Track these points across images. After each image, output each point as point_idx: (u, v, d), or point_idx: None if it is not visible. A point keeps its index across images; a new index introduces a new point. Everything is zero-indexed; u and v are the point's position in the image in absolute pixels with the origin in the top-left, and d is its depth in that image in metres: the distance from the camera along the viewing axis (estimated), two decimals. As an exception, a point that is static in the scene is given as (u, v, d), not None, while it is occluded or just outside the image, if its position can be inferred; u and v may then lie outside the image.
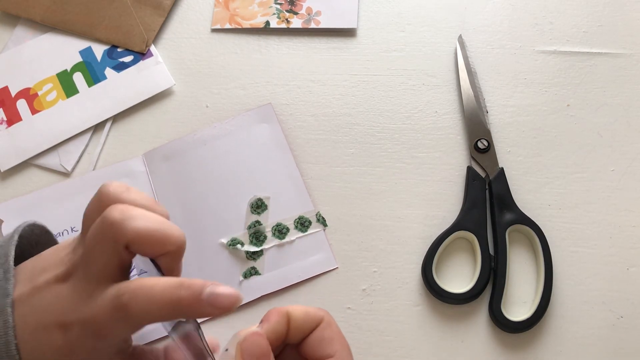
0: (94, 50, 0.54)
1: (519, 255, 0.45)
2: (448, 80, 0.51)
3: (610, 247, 0.45)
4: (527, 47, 0.52)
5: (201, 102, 0.52)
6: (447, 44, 0.53)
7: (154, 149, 0.50)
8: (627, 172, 0.47)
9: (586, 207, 0.46)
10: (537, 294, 0.43)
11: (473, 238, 0.44)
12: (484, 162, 0.47)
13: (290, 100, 0.51)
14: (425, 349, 0.43)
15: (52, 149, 0.50)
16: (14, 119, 0.51)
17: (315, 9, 0.55)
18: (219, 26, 0.55)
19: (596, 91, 0.50)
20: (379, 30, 0.54)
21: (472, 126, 0.49)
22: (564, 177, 0.47)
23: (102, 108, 0.52)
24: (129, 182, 0.48)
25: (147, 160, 0.49)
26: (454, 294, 0.43)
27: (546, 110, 0.50)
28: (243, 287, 0.44)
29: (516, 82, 0.51)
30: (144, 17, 0.55)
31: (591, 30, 0.53)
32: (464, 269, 0.45)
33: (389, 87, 0.51)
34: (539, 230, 0.44)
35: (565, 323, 0.43)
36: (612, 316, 0.43)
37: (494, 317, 0.42)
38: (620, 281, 0.44)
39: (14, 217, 0.48)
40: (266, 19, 0.54)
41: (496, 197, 0.45)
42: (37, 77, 0.53)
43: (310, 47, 0.54)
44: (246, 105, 0.51)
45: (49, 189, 0.49)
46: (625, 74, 0.51)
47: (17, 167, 0.50)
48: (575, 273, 0.44)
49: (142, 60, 0.53)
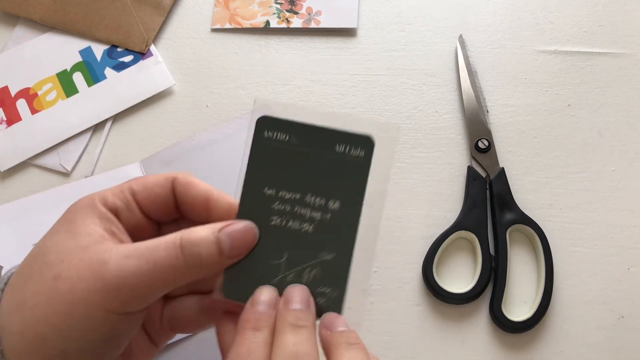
0: (94, 50, 0.54)
1: (520, 255, 0.45)
2: (448, 80, 0.51)
3: (610, 247, 0.45)
4: (527, 47, 0.52)
5: (201, 101, 0.52)
6: (447, 44, 0.53)
7: (151, 155, 0.49)
8: (627, 172, 0.47)
9: (587, 207, 0.46)
10: (538, 294, 0.43)
11: (473, 238, 0.44)
12: (484, 161, 0.47)
13: (290, 100, 0.51)
14: (425, 349, 0.43)
15: (52, 148, 0.50)
16: (13, 119, 0.51)
17: (315, 9, 0.54)
18: (219, 26, 0.55)
19: (597, 91, 0.50)
20: (380, 30, 0.54)
21: (472, 126, 0.49)
22: (564, 177, 0.47)
23: (102, 108, 0.52)
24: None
25: (145, 166, 0.49)
26: (454, 294, 0.43)
27: (547, 110, 0.50)
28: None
29: (517, 81, 0.51)
30: (143, 16, 0.55)
31: (592, 30, 0.53)
32: (464, 268, 0.45)
33: (390, 87, 0.51)
34: (539, 230, 0.44)
35: (565, 323, 0.43)
36: (613, 316, 0.43)
37: (495, 317, 0.42)
38: (621, 281, 0.44)
39: (8, 222, 0.47)
40: (266, 18, 0.54)
41: (497, 197, 0.45)
42: (37, 77, 0.53)
43: (310, 46, 0.53)
44: (246, 105, 0.51)
45: (45, 193, 0.48)
46: (626, 73, 0.51)
47: (17, 167, 0.50)
48: (575, 273, 0.44)
49: (142, 60, 0.53)
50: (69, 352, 0.28)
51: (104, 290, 0.27)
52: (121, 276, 0.27)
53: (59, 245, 0.29)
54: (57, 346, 0.27)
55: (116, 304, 0.27)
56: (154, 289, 0.28)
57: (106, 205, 0.31)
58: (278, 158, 0.30)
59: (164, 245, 0.28)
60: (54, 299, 0.27)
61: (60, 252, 0.29)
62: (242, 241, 0.29)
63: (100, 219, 0.30)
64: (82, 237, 0.29)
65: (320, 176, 0.30)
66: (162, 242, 0.28)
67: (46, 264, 0.29)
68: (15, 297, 0.29)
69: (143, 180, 0.32)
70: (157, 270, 0.28)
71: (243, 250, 0.30)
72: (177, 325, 0.33)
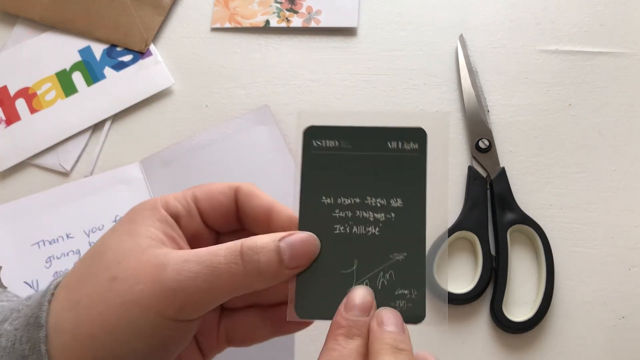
0: (93, 50, 0.54)
1: (520, 256, 0.45)
2: (449, 79, 0.51)
3: (611, 247, 0.45)
4: (528, 47, 0.52)
5: (201, 101, 0.52)
6: (448, 44, 0.53)
7: (151, 155, 0.49)
8: (628, 172, 0.47)
9: (587, 207, 0.46)
10: (539, 294, 0.43)
11: (474, 238, 0.44)
12: (485, 161, 0.47)
13: (290, 99, 0.51)
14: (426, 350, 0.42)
15: (51, 148, 0.50)
16: (12, 119, 0.51)
17: (315, 8, 0.54)
18: (219, 25, 0.55)
19: (597, 91, 0.50)
20: (380, 30, 0.54)
21: (473, 126, 0.49)
22: (565, 176, 0.47)
23: (102, 107, 0.51)
24: (126, 189, 0.48)
25: (144, 166, 0.49)
26: (455, 295, 0.43)
27: (547, 109, 0.50)
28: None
29: (517, 81, 0.51)
30: (143, 16, 0.54)
31: (592, 30, 0.52)
32: (465, 269, 0.45)
33: (390, 87, 0.51)
34: (540, 230, 0.44)
35: (566, 323, 0.43)
36: (614, 316, 0.43)
37: (495, 317, 0.42)
38: (622, 281, 0.44)
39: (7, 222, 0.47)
40: (266, 17, 0.54)
41: (497, 197, 0.45)
42: (36, 77, 0.53)
43: (310, 46, 0.53)
44: (246, 104, 0.51)
45: (44, 193, 0.48)
46: (627, 73, 0.51)
47: (16, 166, 0.50)
48: (576, 273, 0.44)
49: (142, 60, 0.53)
50: (119, 354, 0.27)
51: (161, 294, 0.27)
52: (179, 280, 0.27)
53: (118, 246, 0.29)
54: (108, 347, 0.27)
55: (172, 309, 0.27)
56: (211, 295, 0.28)
57: (168, 209, 0.30)
58: (331, 165, 0.30)
59: (224, 251, 0.28)
60: (109, 300, 0.27)
61: (119, 253, 0.28)
62: (303, 251, 0.29)
63: (161, 223, 0.30)
64: (141, 239, 0.28)
65: (377, 176, 0.30)
66: (222, 248, 0.28)
67: (103, 264, 0.28)
68: (70, 296, 0.28)
69: (207, 188, 0.32)
70: (215, 276, 0.27)
71: (304, 260, 0.29)
72: (236, 337, 0.33)
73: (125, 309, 0.27)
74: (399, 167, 0.29)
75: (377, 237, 0.29)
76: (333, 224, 0.29)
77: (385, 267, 0.29)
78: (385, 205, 0.29)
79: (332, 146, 0.30)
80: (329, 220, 0.29)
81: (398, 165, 0.29)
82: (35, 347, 0.27)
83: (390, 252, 0.29)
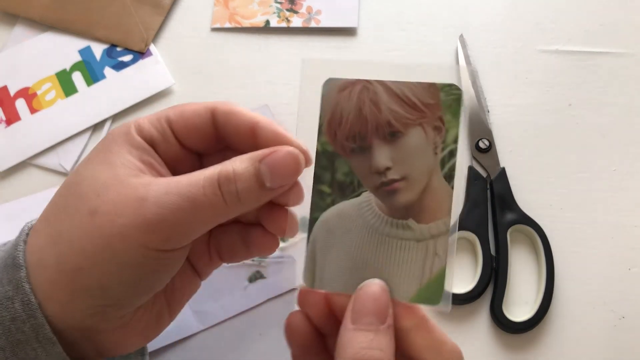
0: (93, 50, 0.54)
1: (520, 256, 0.45)
2: (449, 79, 0.51)
3: (612, 248, 0.45)
4: (528, 47, 0.52)
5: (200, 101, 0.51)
6: (448, 43, 0.53)
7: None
8: (629, 172, 0.47)
9: (588, 207, 0.46)
10: (539, 295, 0.43)
11: (474, 238, 0.44)
12: (485, 161, 0.47)
13: (290, 99, 0.51)
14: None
15: (51, 148, 0.50)
16: (12, 119, 0.51)
17: (315, 8, 0.54)
18: (219, 25, 0.54)
19: (598, 91, 0.50)
20: (380, 30, 0.54)
21: (473, 126, 0.48)
22: (565, 177, 0.47)
23: (102, 107, 0.51)
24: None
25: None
26: (455, 294, 0.43)
27: (548, 109, 0.50)
28: (249, 291, 0.44)
29: (517, 81, 0.51)
30: (143, 16, 0.54)
31: (593, 30, 0.52)
32: (465, 269, 0.45)
33: (390, 87, 0.51)
34: (540, 230, 0.44)
35: (566, 324, 0.43)
36: (614, 317, 0.43)
37: (496, 317, 0.42)
38: (622, 282, 0.44)
39: (7, 222, 0.47)
40: (266, 17, 0.54)
41: (497, 197, 0.45)
42: (36, 77, 0.53)
43: (310, 46, 0.53)
44: (246, 104, 0.50)
45: (44, 193, 0.48)
46: (627, 73, 0.51)
47: (16, 166, 0.50)
48: (576, 273, 0.44)
49: (142, 60, 0.53)
50: (107, 285, 0.27)
51: (143, 227, 0.26)
52: (160, 213, 0.26)
53: (94, 176, 0.28)
54: (95, 278, 0.26)
55: (156, 241, 0.26)
56: (194, 227, 0.27)
57: (142, 134, 0.29)
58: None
59: (202, 182, 0.27)
60: (91, 234, 0.26)
61: (97, 184, 0.27)
62: (285, 170, 0.28)
63: (137, 149, 0.29)
64: (118, 168, 0.27)
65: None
66: (201, 177, 0.27)
67: (81, 196, 0.27)
68: (49, 230, 0.28)
69: (180, 109, 0.30)
70: (196, 207, 0.26)
71: (287, 179, 0.28)
72: (225, 255, 0.32)
73: (108, 242, 0.26)
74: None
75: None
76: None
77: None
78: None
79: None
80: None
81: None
82: (18, 287, 0.26)
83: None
